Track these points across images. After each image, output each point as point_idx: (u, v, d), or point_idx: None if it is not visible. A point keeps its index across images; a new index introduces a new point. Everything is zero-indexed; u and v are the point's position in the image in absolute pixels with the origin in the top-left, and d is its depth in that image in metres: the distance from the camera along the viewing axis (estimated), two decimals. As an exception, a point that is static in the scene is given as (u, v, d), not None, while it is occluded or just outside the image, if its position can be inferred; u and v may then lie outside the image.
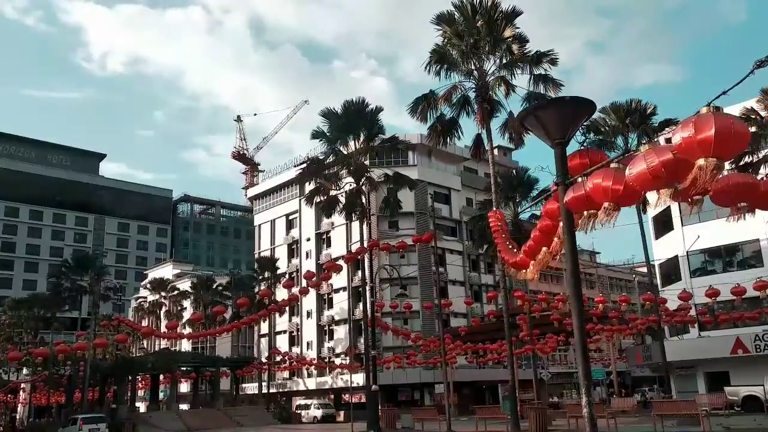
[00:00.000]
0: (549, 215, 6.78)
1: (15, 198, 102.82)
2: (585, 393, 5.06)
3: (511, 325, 23.31)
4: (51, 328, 60.36)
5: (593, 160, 5.72)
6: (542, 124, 5.52)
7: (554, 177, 6.01)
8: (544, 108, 5.41)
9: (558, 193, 5.62)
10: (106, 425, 34.03)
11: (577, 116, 5.51)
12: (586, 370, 5.19)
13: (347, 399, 50.95)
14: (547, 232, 7.18)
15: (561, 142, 5.57)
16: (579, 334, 5.25)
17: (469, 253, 61.73)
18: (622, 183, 4.69)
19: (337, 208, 30.12)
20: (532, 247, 8.15)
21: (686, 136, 4.14)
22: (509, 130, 22.41)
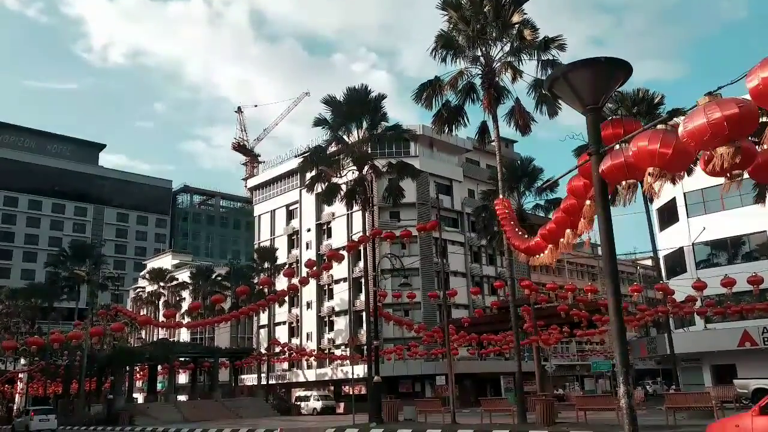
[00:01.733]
0: (574, 193, 6.27)
1: (14, 187, 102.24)
2: (623, 382, 4.58)
3: (518, 316, 22.87)
4: (48, 318, 59.98)
5: (628, 131, 5.21)
6: (573, 87, 5.00)
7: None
8: (576, 70, 4.89)
9: (591, 163, 5.10)
10: (56, 417, 36.03)
11: (611, 79, 4.99)
12: (625, 356, 4.70)
13: (347, 391, 50.64)
14: (572, 212, 6.68)
15: (594, 107, 5.06)
16: (616, 318, 4.76)
17: (471, 245, 61.34)
18: (672, 145, 4.18)
19: (339, 195, 29.56)
20: (553, 230, 7.65)
21: (757, 83, 3.59)
22: (516, 117, 21.87)
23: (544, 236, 8.38)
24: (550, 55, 22.09)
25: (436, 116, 22.20)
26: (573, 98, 5.08)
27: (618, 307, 4.74)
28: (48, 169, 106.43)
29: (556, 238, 7.77)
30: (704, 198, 37.55)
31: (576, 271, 79.41)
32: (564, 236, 7.32)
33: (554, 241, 8.05)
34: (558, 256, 8.83)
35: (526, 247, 10.33)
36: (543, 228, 8.41)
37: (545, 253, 8.81)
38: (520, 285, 21.83)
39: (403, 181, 32.44)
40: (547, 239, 8.31)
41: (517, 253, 11.78)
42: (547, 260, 8.78)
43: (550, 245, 8.51)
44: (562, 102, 5.46)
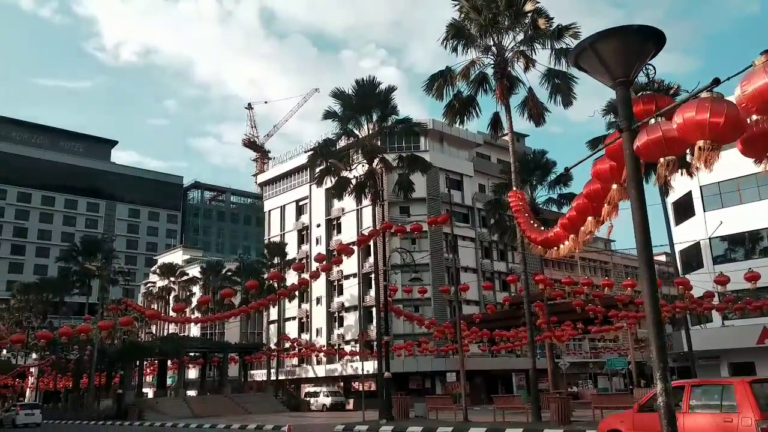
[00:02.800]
0: (599, 177, 5.76)
1: (27, 184, 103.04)
2: (661, 378, 4.10)
3: (530, 312, 22.34)
4: (60, 313, 60.18)
5: (660, 106, 4.73)
6: (602, 59, 4.54)
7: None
8: (604, 39, 4.42)
9: (622, 141, 4.62)
10: (41, 411, 37.75)
11: (643, 50, 4.52)
12: (663, 351, 4.23)
13: (357, 387, 50.31)
14: (596, 198, 6.16)
15: (624, 81, 4.59)
16: (653, 309, 4.29)
17: (481, 240, 60.74)
18: (723, 114, 3.71)
19: (348, 189, 29.12)
20: (574, 218, 7.13)
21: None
22: (529, 107, 21.31)
23: (564, 225, 7.87)
24: (564, 43, 21.50)
25: (448, 107, 21.68)
26: (601, 71, 4.62)
27: (654, 297, 4.28)
28: (60, 166, 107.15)
29: (577, 227, 7.26)
30: (721, 191, 36.74)
31: (588, 267, 78.53)
32: (585, 224, 6.81)
33: (575, 230, 7.53)
34: (579, 247, 8.30)
35: (543, 238, 9.81)
36: (563, 217, 7.90)
37: (565, 243, 8.28)
38: (534, 280, 21.31)
39: (414, 174, 31.98)
40: (568, 228, 7.79)
41: (533, 246, 11.25)
42: (567, 251, 8.27)
43: (571, 235, 7.99)
44: (588, 77, 4.96)
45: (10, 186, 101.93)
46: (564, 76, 21.05)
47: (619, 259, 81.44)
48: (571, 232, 7.88)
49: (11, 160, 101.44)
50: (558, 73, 21.14)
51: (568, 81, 21.05)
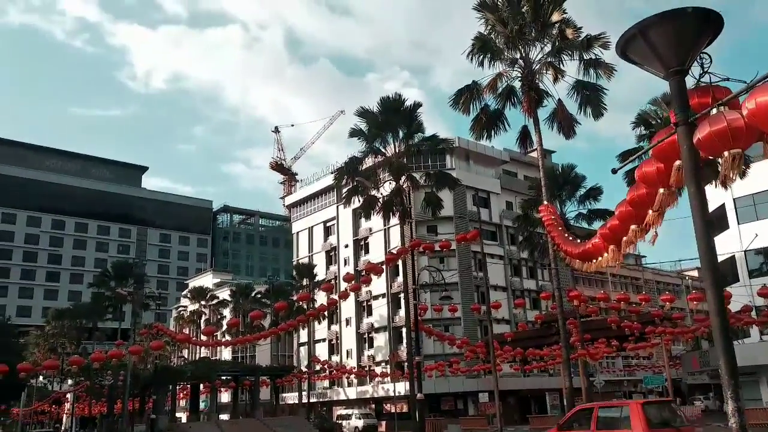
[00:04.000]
0: (645, 181, 5.44)
1: (61, 211, 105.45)
2: (732, 397, 3.76)
3: (565, 329, 21.75)
4: (93, 338, 60.92)
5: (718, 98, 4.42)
6: (653, 47, 4.24)
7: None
8: (656, 25, 4.12)
9: (678, 136, 4.31)
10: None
11: (699, 36, 4.22)
12: (732, 366, 3.89)
13: (389, 408, 49.65)
14: (641, 204, 5.82)
15: (679, 70, 4.29)
16: (719, 319, 3.96)
17: (510, 258, 59.94)
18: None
19: (376, 208, 28.96)
20: (616, 228, 6.79)
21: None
22: (558, 120, 20.95)
23: (604, 236, 7.53)
24: (593, 54, 21.20)
25: (475, 121, 21.46)
26: (652, 60, 4.33)
27: (721, 305, 3.95)
28: (93, 192, 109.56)
29: (619, 237, 6.92)
30: (755, 203, 35.66)
31: (619, 283, 76.75)
32: (628, 234, 6.46)
33: (616, 241, 7.18)
34: (620, 259, 7.95)
35: (581, 251, 9.44)
36: (603, 227, 7.57)
37: (605, 255, 7.93)
38: (568, 297, 20.73)
39: (441, 192, 31.72)
40: (609, 239, 7.45)
41: (570, 260, 10.86)
42: (607, 263, 7.90)
43: (612, 246, 7.63)
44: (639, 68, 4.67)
45: (44, 213, 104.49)
46: (594, 88, 20.70)
47: (650, 274, 79.45)
48: (612, 242, 7.53)
49: (45, 187, 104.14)
50: (587, 84, 20.81)
51: (598, 92, 20.70)
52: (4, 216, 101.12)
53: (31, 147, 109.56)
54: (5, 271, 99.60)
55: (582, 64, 20.70)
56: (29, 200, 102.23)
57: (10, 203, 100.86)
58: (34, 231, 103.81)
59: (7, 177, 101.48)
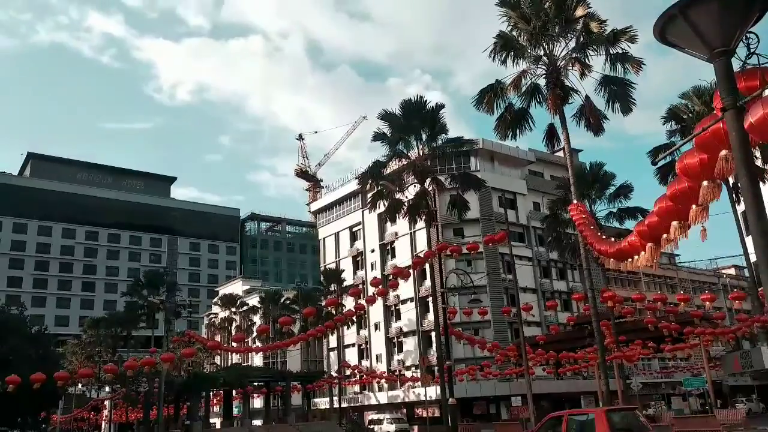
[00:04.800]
0: (687, 173, 5.14)
1: (95, 222, 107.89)
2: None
3: (594, 332, 21.28)
4: (128, 346, 61.99)
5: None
6: (695, 27, 3.95)
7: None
8: (698, 3, 3.85)
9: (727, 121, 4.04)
10: None
11: (746, 14, 3.95)
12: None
13: (421, 413, 49.34)
14: (682, 199, 5.53)
15: (724, 51, 4.01)
16: None
17: (539, 259, 59.18)
18: None
19: (401, 211, 28.79)
20: (654, 225, 6.50)
21: None
22: (586, 116, 20.52)
23: (641, 233, 7.25)
24: (620, 48, 20.73)
25: (499, 120, 21.14)
26: (695, 41, 4.04)
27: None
28: (124, 204, 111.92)
29: (657, 234, 6.63)
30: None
31: (653, 283, 75.01)
32: (669, 231, 6.18)
33: (655, 238, 6.89)
34: (658, 257, 7.65)
35: (616, 249, 9.14)
36: (640, 224, 7.30)
37: (643, 254, 7.62)
38: (602, 297, 20.25)
39: (467, 193, 31.41)
40: (646, 236, 7.15)
41: (604, 260, 10.55)
42: (645, 262, 7.61)
43: (650, 244, 7.33)
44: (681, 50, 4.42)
45: (78, 225, 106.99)
46: (622, 83, 20.23)
47: (685, 274, 77.41)
48: (651, 240, 7.24)
49: (79, 200, 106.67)
50: (615, 79, 20.35)
51: (626, 87, 20.22)
52: (40, 228, 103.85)
53: (65, 161, 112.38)
54: (43, 281, 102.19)
55: (608, 58, 20.24)
56: (64, 213, 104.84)
57: (46, 216, 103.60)
58: (70, 242, 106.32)
59: (43, 191, 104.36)
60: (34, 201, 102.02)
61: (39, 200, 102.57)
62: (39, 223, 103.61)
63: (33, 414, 38.02)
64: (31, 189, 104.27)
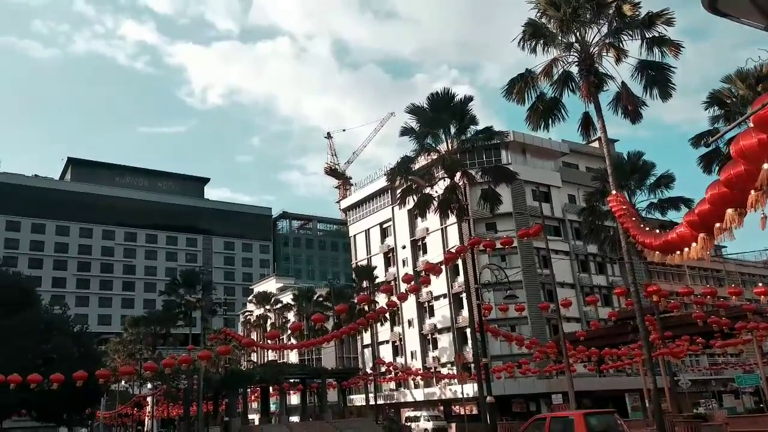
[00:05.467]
0: (744, 156, 4.59)
1: (133, 224, 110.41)
2: None
3: (637, 328, 20.45)
4: (167, 344, 63.06)
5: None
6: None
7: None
8: None
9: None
10: None
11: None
12: None
13: (458, 410, 48.80)
14: (738, 184, 4.98)
15: (786, 16, 3.52)
16: None
17: (576, 253, 57.84)
18: None
19: (432, 206, 28.24)
20: (706, 213, 5.92)
21: None
22: (623, 103, 19.65)
23: (691, 224, 6.65)
24: (656, 32, 19.77)
25: (531, 110, 20.42)
26: (750, 10, 3.57)
27: None
28: (160, 205, 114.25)
29: (710, 223, 6.05)
30: None
31: (698, 276, 72.63)
32: (723, 219, 5.60)
33: (707, 228, 6.30)
34: (711, 248, 7.03)
35: (663, 241, 8.50)
36: (690, 214, 6.71)
37: (694, 245, 7.00)
38: (646, 292, 19.38)
39: (499, 187, 30.69)
40: (697, 226, 6.55)
41: (649, 252, 9.89)
42: (696, 254, 7.00)
43: (701, 234, 6.71)
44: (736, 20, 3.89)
45: (117, 227, 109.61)
46: (660, 67, 19.29)
47: (732, 266, 74.65)
48: (702, 230, 6.63)
49: (117, 203, 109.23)
50: (653, 63, 19.43)
51: (665, 71, 19.28)
52: (81, 231, 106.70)
53: (103, 165, 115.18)
54: (85, 282, 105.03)
55: (644, 43, 19.31)
56: (104, 215, 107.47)
57: (87, 219, 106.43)
58: (109, 244, 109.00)
59: (83, 194, 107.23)
60: (75, 204, 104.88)
61: (80, 204, 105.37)
62: (80, 226, 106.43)
63: (77, 411, 38.83)
64: (72, 193, 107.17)
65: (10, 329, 31.07)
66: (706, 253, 6.72)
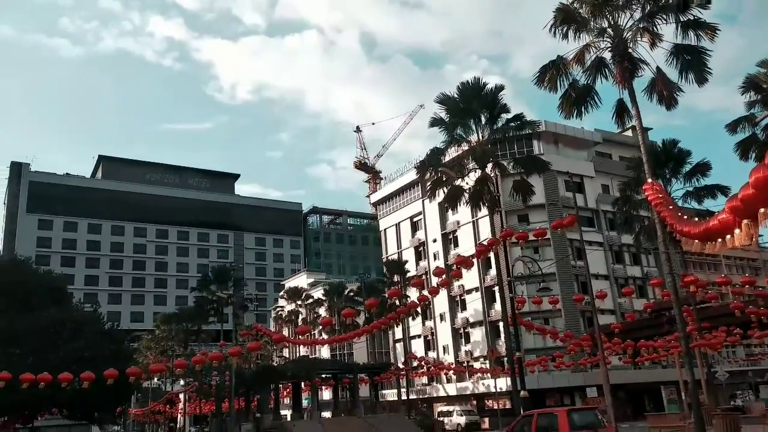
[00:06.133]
0: None
1: (164, 221, 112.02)
2: None
3: (673, 319, 19.85)
4: (199, 340, 63.89)
5: None
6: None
7: None
8: None
9: None
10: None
11: None
12: None
13: (491, 405, 48.42)
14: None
15: None
16: None
17: (610, 244, 56.80)
18: None
19: (463, 198, 27.87)
20: (750, 198, 5.56)
21: None
22: (658, 89, 19.02)
23: (734, 209, 6.28)
24: (691, 15, 19.13)
25: (563, 98, 19.92)
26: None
27: None
28: (191, 202, 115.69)
29: (754, 209, 5.68)
30: None
31: (734, 266, 70.77)
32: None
33: (751, 214, 5.94)
34: (756, 235, 6.64)
35: (703, 229, 8.10)
36: (732, 199, 6.33)
37: (738, 232, 6.63)
38: (683, 282, 18.79)
39: (531, 177, 30.18)
40: (741, 213, 6.19)
41: (687, 241, 9.46)
42: (741, 241, 6.62)
43: (745, 220, 6.34)
44: None
45: (149, 224, 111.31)
46: (696, 51, 18.64)
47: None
48: (746, 216, 6.26)
49: (148, 200, 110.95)
50: (688, 47, 18.78)
51: (700, 55, 18.62)
52: (114, 228, 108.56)
53: (134, 162, 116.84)
54: (118, 279, 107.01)
55: (679, 26, 18.68)
56: (135, 212, 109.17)
57: (119, 216, 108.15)
58: (141, 241, 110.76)
59: (115, 192, 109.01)
60: (106, 202, 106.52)
61: (111, 201, 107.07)
62: (112, 223, 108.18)
63: (108, 409, 39.49)
64: (104, 191, 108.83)
65: (40, 328, 31.73)
66: (752, 240, 6.33)
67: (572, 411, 16.79)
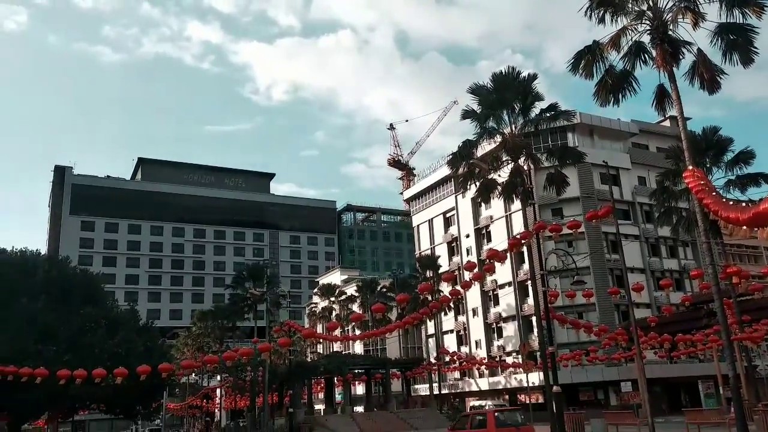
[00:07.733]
0: None
1: (202, 220, 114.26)
2: None
3: (712, 312, 19.22)
4: (234, 337, 64.83)
5: None
6: None
7: None
8: None
9: None
10: None
11: None
12: None
13: (523, 399, 47.87)
14: None
15: None
16: None
17: (647, 237, 55.47)
18: None
19: (495, 192, 27.47)
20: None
21: None
22: (699, 71, 18.30)
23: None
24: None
25: (599, 84, 19.31)
26: None
27: None
28: (228, 201, 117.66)
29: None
30: None
31: (776, 257, 68.37)
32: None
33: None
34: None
35: (752, 215, 7.75)
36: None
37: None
38: (724, 273, 18.12)
39: (565, 169, 29.60)
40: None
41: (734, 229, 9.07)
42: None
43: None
44: None
45: (187, 224, 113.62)
46: (741, 29, 17.81)
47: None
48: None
49: (186, 200, 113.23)
50: (733, 26, 17.97)
51: (747, 33, 17.77)
52: (153, 228, 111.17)
53: (172, 164, 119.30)
54: (157, 278, 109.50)
55: (723, 4, 17.88)
56: (173, 212, 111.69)
57: (158, 217, 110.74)
58: (179, 240, 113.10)
59: (154, 193, 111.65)
60: (146, 203, 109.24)
61: (150, 202, 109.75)
62: (151, 224, 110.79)
63: (144, 404, 40.34)
64: (143, 192, 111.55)
65: (77, 325, 32.54)
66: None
67: (499, 411, 21.04)
